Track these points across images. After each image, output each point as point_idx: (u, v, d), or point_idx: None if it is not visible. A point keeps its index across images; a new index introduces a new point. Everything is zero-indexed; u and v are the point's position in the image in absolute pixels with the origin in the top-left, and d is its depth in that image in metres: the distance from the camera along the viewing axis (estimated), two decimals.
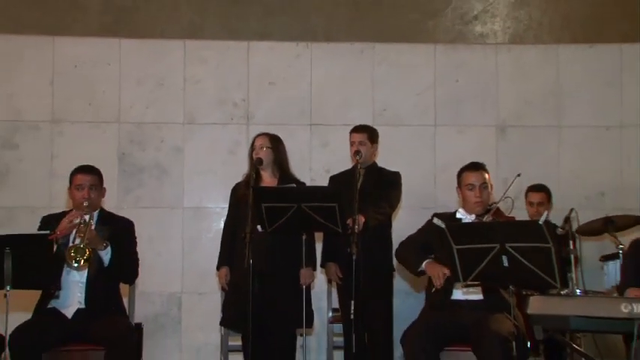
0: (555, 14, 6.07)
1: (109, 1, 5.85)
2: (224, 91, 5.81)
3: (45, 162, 5.61)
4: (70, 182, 4.20)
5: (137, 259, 4.25)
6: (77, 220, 3.97)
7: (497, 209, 4.07)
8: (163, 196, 5.72)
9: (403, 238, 4.26)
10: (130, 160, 5.70)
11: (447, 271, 3.82)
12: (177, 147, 5.75)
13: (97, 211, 4.21)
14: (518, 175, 4.14)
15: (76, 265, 3.85)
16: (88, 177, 4.16)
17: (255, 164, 4.54)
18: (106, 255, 4.03)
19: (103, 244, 4.01)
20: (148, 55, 5.80)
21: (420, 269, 4.05)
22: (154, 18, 5.90)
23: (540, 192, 5.21)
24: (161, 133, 5.75)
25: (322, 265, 4.85)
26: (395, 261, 4.67)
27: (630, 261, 3.89)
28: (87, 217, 4.02)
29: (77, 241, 3.92)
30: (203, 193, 5.75)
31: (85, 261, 3.85)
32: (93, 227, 4.01)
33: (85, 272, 4.03)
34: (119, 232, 4.15)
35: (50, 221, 4.11)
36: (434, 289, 3.97)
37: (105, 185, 4.30)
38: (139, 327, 4.26)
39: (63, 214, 4.15)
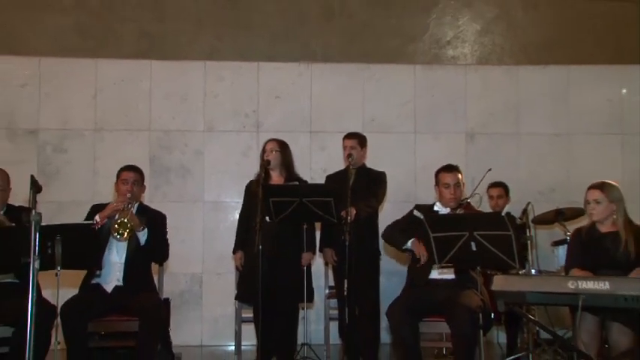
0: (515, 41, 6.09)
1: (141, 30, 5.84)
2: (238, 104, 5.80)
3: (89, 163, 5.61)
4: (117, 177, 4.20)
5: (167, 244, 4.25)
6: (121, 205, 3.99)
7: (468, 204, 4.07)
8: (187, 192, 5.72)
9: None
10: (159, 162, 5.70)
11: (425, 252, 3.84)
12: (198, 151, 5.75)
13: (136, 203, 4.20)
14: (489, 170, 4.10)
15: (118, 236, 3.89)
16: (132, 174, 4.17)
17: (264, 165, 4.54)
18: (142, 236, 4.04)
19: (141, 226, 4.02)
20: (174, 74, 5.78)
21: (405, 247, 4.04)
22: (179, 43, 5.90)
23: (498, 187, 5.21)
24: (185, 139, 5.74)
25: (320, 250, 4.83)
26: (381, 245, 4.68)
27: (574, 246, 3.89)
28: (129, 205, 4.03)
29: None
30: (220, 190, 5.74)
31: (128, 233, 3.88)
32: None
33: (124, 255, 4.03)
34: (154, 221, 4.16)
35: (99, 209, 4.10)
36: (419, 265, 3.94)
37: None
38: (167, 301, 4.28)
39: (110, 204, 4.15)
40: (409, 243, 4.01)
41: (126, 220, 3.89)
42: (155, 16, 5.89)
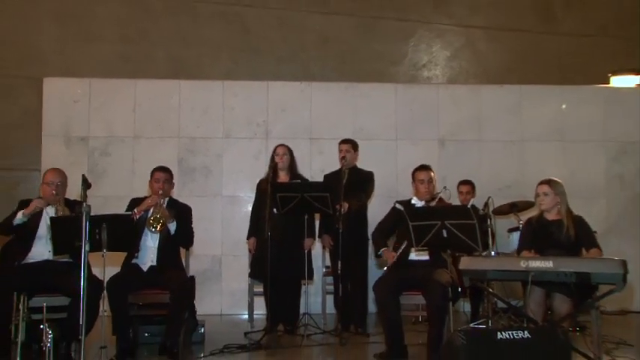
0: (477, 65, 6.15)
1: (171, 55, 5.89)
2: (250, 116, 5.78)
3: (128, 165, 5.59)
4: (151, 176, 4.19)
5: (193, 233, 4.23)
6: (154, 202, 4.02)
7: (441, 198, 4.09)
8: (208, 188, 5.70)
9: (375, 219, 4.23)
10: (186, 163, 5.69)
11: (394, 256, 3.86)
12: (218, 154, 5.73)
13: (167, 198, 4.19)
14: (445, 188, 4.11)
15: (153, 229, 3.92)
16: (163, 174, 4.16)
17: (273, 166, 4.54)
18: (172, 227, 4.03)
19: (171, 219, 4.01)
20: (198, 91, 5.77)
21: (379, 253, 4.06)
22: (202, 66, 5.95)
23: (467, 184, 5.20)
24: (207, 144, 5.73)
25: (319, 236, 4.83)
26: (370, 233, 4.70)
27: (525, 234, 3.93)
28: (161, 201, 4.05)
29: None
30: (236, 186, 5.72)
31: (160, 227, 3.91)
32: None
33: (157, 240, 4.03)
34: (181, 213, 4.15)
35: (136, 202, 4.12)
36: (400, 251, 3.95)
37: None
38: (192, 278, 4.23)
39: (145, 197, 4.16)
40: (381, 251, 4.02)
41: (159, 216, 3.91)
42: (182, 44, 5.93)
